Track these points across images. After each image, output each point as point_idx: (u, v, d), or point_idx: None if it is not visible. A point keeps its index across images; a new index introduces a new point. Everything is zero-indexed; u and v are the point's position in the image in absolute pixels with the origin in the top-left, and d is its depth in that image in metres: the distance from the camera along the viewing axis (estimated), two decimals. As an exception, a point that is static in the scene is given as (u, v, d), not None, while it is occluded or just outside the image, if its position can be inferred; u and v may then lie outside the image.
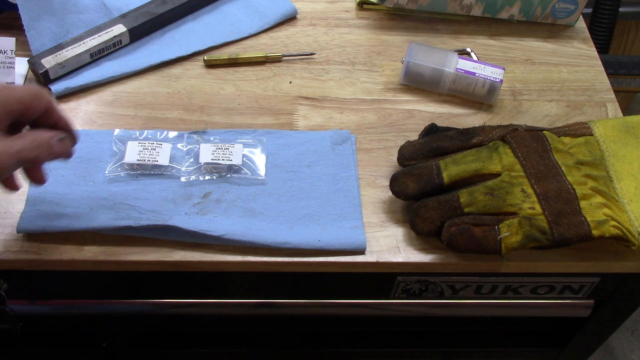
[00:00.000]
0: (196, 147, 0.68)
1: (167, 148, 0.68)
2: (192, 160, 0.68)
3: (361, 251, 0.63)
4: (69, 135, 0.58)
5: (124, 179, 0.66)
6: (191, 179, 0.66)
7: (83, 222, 0.61)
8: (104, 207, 0.63)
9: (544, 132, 0.67)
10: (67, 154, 0.58)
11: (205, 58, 0.79)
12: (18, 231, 0.61)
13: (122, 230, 0.62)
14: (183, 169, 0.67)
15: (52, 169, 0.65)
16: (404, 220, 0.66)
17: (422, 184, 0.63)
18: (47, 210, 0.62)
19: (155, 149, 0.67)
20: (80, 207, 0.63)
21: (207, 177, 0.67)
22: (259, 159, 0.69)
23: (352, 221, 0.65)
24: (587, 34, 0.88)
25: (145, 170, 0.67)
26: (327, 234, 0.63)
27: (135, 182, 0.66)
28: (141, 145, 0.67)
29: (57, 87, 0.74)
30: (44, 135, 0.55)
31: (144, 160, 0.66)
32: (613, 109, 0.79)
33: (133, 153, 0.67)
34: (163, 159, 0.67)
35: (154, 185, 0.66)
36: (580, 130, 0.68)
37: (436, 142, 0.67)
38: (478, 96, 0.78)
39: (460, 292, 0.70)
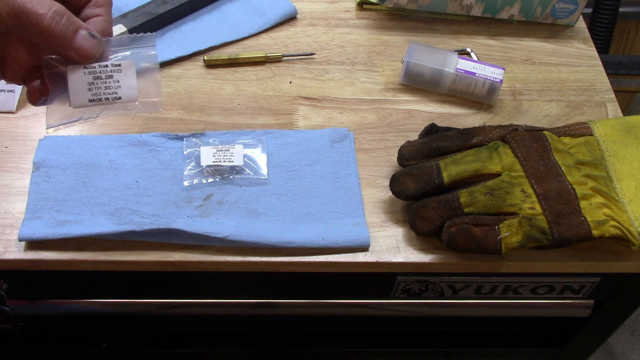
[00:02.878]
0: (196, 151, 0.68)
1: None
2: (193, 164, 0.68)
3: (365, 248, 0.63)
4: (100, 39, 0.47)
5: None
6: (194, 183, 0.66)
7: (85, 229, 0.61)
8: (106, 212, 0.63)
9: (544, 132, 0.67)
10: (88, 55, 0.46)
11: (205, 58, 0.79)
12: (20, 239, 0.61)
13: (125, 235, 0.62)
14: (185, 172, 0.67)
15: (51, 175, 0.65)
16: (404, 220, 0.66)
17: (422, 184, 0.63)
18: (48, 218, 0.62)
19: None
20: (82, 214, 0.63)
21: (209, 180, 0.67)
22: (260, 158, 0.69)
23: (355, 218, 0.65)
24: (587, 34, 0.88)
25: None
26: (330, 232, 0.63)
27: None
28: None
29: (57, 87, 0.74)
30: (75, 18, 0.45)
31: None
32: (613, 109, 0.79)
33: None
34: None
35: (156, 189, 0.66)
36: (580, 130, 0.68)
37: (436, 142, 0.67)
38: (478, 96, 0.78)
39: (460, 292, 0.71)
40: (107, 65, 0.46)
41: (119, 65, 0.46)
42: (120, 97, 0.47)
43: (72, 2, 0.48)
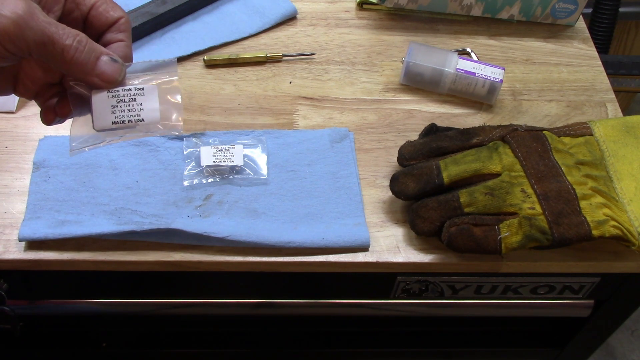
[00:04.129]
0: (196, 151, 0.68)
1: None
2: (193, 164, 0.68)
3: (365, 248, 0.63)
4: (122, 63, 0.48)
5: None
6: (194, 183, 0.66)
7: (85, 229, 0.61)
8: (106, 212, 0.63)
9: (544, 132, 0.67)
10: (111, 79, 0.47)
11: (205, 58, 0.79)
12: (20, 239, 0.61)
13: (125, 235, 0.62)
14: (185, 172, 0.67)
15: (51, 175, 0.65)
16: (404, 220, 0.66)
17: (422, 184, 0.63)
18: (48, 218, 0.62)
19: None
20: (82, 214, 0.63)
21: (209, 180, 0.67)
22: (260, 158, 0.69)
23: (355, 218, 0.65)
24: (587, 34, 0.88)
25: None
26: (330, 232, 0.63)
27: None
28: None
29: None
30: (96, 45, 0.45)
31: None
32: (613, 109, 0.79)
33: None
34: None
35: (156, 189, 0.66)
36: (580, 130, 0.68)
37: (436, 142, 0.67)
38: (478, 96, 0.78)
39: (460, 292, 0.70)
40: (130, 89, 0.47)
41: (142, 89, 0.47)
42: (143, 120, 0.48)
43: (93, 27, 0.49)
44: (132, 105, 0.47)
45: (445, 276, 0.68)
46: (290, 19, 0.86)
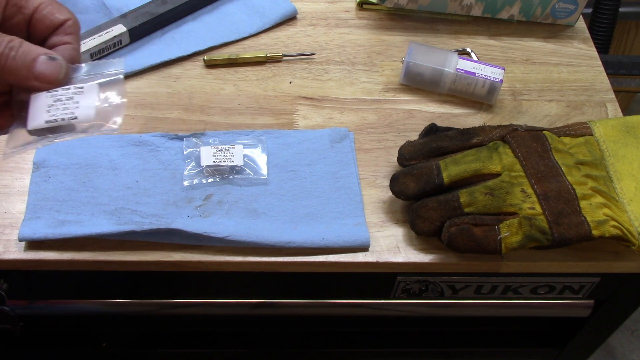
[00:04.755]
0: (196, 151, 0.68)
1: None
2: (193, 164, 0.68)
3: (365, 248, 0.63)
4: (62, 61, 0.45)
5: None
6: (194, 183, 0.66)
7: (85, 229, 0.61)
8: (106, 212, 0.63)
9: (544, 132, 0.67)
10: (52, 79, 0.44)
11: (205, 58, 0.79)
12: (20, 239, 0.61)
13: (125, 235, 0.62)
14: (185, 172, 0.67)
15: (51, 175, 0.65)
16: (404, 220, 0.66)
17: (422, 184, 0.63)
18: (48, 218, 0.62)
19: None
20: (82, 214, 0.63)
21: (209, 180, 0.67)
22: (260, 158, 0.69)
23: (355, 218, 0.65)
24: (587, 34, 0.88)
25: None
26: (330, 232, 0.63)
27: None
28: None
29: (57, 87, 0.74)
30: (33, 46, 0.42)
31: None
32: (613, 109, 0.79)
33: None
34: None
35: (156, 189, 0.66)
36: (580, 130, 0.68)
37: (436, 142, 0.67)
38: (478, 96, 0.78)
39: (460, 292, 0.71)
40: (69, 88, 0.45)
41: (82, 87, 0.45)
42: (76, 117, 0.45)
43: (37, 31, 0.47)
44: (68, 104, 0.45)
45: (445, 276, 0.68)
46: (290, 19, 0.86)
